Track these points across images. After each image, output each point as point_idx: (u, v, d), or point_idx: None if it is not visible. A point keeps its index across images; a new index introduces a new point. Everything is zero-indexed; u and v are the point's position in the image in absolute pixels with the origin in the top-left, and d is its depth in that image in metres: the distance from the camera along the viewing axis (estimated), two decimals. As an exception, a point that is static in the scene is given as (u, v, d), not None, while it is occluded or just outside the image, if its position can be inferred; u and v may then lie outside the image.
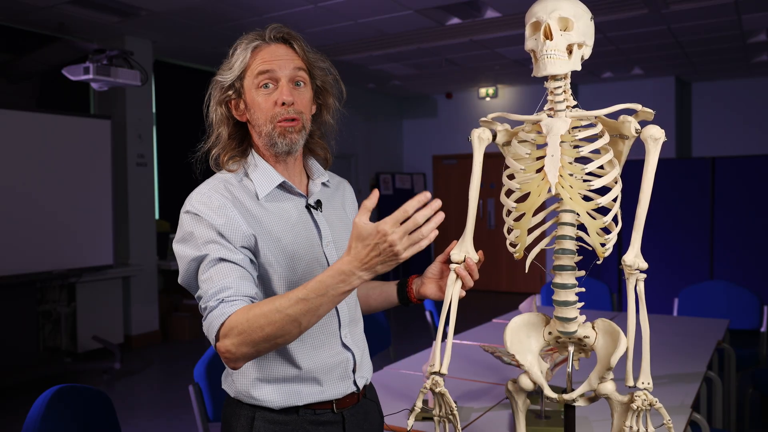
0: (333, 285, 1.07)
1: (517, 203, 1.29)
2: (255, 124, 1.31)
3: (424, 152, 9.68)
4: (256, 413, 1.29)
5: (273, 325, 1.09)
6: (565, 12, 1.19)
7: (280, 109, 1.28)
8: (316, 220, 1.35)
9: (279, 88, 1.28)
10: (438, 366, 1.32)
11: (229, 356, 1.13)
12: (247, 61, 1.29)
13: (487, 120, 1.37)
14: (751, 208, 6.11)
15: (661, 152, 1.21)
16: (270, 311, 1.09)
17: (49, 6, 4.87)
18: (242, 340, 1.10)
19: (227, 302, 1.15)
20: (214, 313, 1.15)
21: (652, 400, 1.22)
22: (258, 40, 1.30)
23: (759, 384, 3.26)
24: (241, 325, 1.10)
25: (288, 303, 1.09)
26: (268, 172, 1.32)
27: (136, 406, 4.36)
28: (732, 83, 7.94)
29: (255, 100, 1.29)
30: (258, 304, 1.13)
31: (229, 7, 4.99)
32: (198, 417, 1.99)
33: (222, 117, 1.34)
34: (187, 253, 1.22)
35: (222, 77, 1.32)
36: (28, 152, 4.82)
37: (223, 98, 1.33)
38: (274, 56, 1.29)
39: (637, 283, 1.22)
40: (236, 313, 1.13)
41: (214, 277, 1.18)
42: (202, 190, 1.28)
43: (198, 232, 1.21)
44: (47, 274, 4.89)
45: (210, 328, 1.15)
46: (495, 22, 5.51)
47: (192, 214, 1.23)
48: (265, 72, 1.28)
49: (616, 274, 6.33)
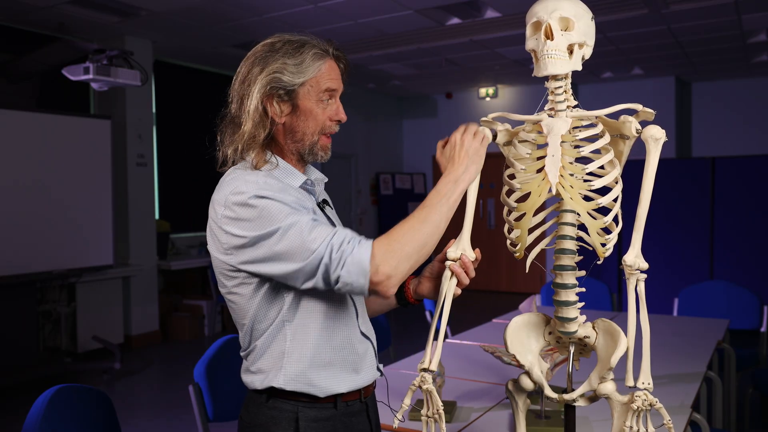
0: (448, 190, 1.27)
1: (517, 203, 1.29)
2: (299, 130, 1.32)
3: (424, 152, 9.68)
4: (299, 413, 1.29)
5: (416, 234, 1.21)
6: (565, 12, 1.19)
7: (332, 124, 1.34)
8: (329, 216, 1.40)
9: (337, 105, 1.34)
10: (428, 362, 1.32)
11: (389, 282, 1.18)
12: (318, 72, 1.31)
13: (488, 120, 1.37)
14: (751, 208, 6.11)
15: (661, 152, 1.21)
16: (408, 225, 1.22)
17: (49, 6, 4.87)
18: (398, 259, 1.18)
19: (359, 241, 1.18)
20: (356, 252, 1.17)
21: (653, 400, 1.22)
22: (325, 54, 1.32)
23: (759, 384, 3.26)
24: (390, 245, 1.18)
25: (418, 213, 1.24)
26: (292, 171, 1.34)
27: (136, 406, 4.35)
28: (732, 83, 7.94)
29: (313, 110, 1.31)
30: (395, 227, 1.22)
31: (229, 7, 4.99)
32: (198, 417, 1.99)
33: (262, 112, 1.29)
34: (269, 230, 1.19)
35: (287, 78, 1.28)
36: (28, 152, 4.82)
37: (272, 94, 1.29)
38: (337, 75, 1.34)
39: (637, 283, 1.22)
40: (377, 242, 1.19)
41: (322, 233, 1.18)
42: (251, 179, 1.24)
43: (276, 209, 1.19)
44: (47, 274, 4.89)
45: (359, 266, 1.16)
46: (495, 22, 5.51)
47: (261, 198, 1.20)
48: (333, 90, 1.32)
49: (617, 274, 6.33)
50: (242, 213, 1.21)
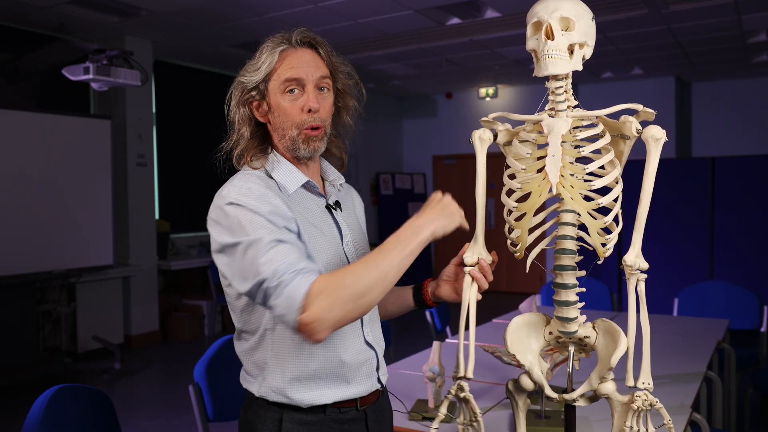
0: (406, 237, 1.18)
1: (517, 203, 1.29)
2: (278, 127, 1.31)
3: (424, 152, 9.68)
4: (284, 414, 1.27)
5: (359, 279, 1.12)
6: (566, 12, 1.19)
7: (306, 116, 1.28)
8: (337, 219, 1.38)
9: (306, 95, 1.28)
10: (462, 371, 1.33)
11: (317, 325, 1.10)
12: (273, 65, 1.28)
13: (488, 120, 1.37)
14: (751, 208, 6.11)
15: (661, 152, 1.21)
16: (354, 267, 1.14)
17: (49, 6, 4.87)
18: (331, 302, 1.10)
19: (304, 273, 1.12)
20: (293, 284, 1.11)
21: (653, 400, 1.22)
22: (285, 44, 1.29)
23: (759, 384, 3.26)
24: (329, 286, 1.11)
25: (369, 256, 1.17)
26: (293, 171, 1.32)
27: (136, 406, 4.35)
28: (732, 83, 7.94)
29: (281, 104, 1.28)
30: (341, 270, 1.15)
31: (229, 7, 4.99)
32: (198, 417, 1.99)
33: (243, 117, 1.32)
34: (236, 240, 1.17)
35: (246, 78, 1.29)
36: (28, 152, 4.82)
37: (246, 99, 1.31)
38: (302, 62, 1.28)
39: (637, 283, 1.22)
40: (318, 279, 1.12)
41: (276, 256, 1.13)
42: (237, 184, 1.24)
43: (246, 220, 1.17)
44: (47, 274, 4.89)
45: (290, 300, 1.11)
46: (495, 22, 5.51)
47: (235, 206, 1.19)
48: (293, 79, 1.27)
49: (617, 274, 6.33)
50: (218, 216, 1.22)
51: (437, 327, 3.58)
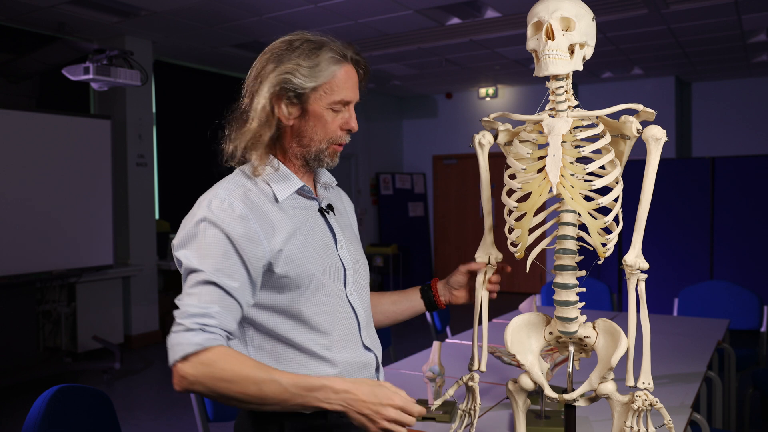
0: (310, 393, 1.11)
1: (518, 203, 1.29)
2: (307, 135, 1.28)
3: (424, 152, 9.68)
4: (285, 423, 1.25)
5: (242, 391, 1.10)
6: (566, 12, 1.19)
7: (342, 134, 1.30)
8: (330, 223, 1.36)
9: (350, 116, 1.29)
10: (477, 364, 1.43)
11: (183, 382, 1.12)
12: (332, 78, 1.25)
13: (489, 119, 1.37)
14: (751, 208, 6.11)
15: (661, 152, 1.21)
16: (245, 377, 1.10)
17: (49, 6, 4.87)
18: (206, 381, 1.10)
19: (207, 332, 1.12)
20: (189, 336, 1.11)
21: (653, 400, 1.22)
22: (342, 59, 1.27)
23: (759, 384, 3.26)
24: (214, 367, 1.10)
25: (265, 377, 1.10)
26: (289, 177, 1.30)
27: (136, 406, 4.35)
28: (732, 83, 7.94)
29: (323, 116, 1.26)
30: (238, 358, 1.12)
31: (229, 7, 4.99)
32: (198, 417, 1.99)
33: (269, 112, 1.25)
34: (185, 257, 1.18)
35: (300, 80, 1.23)
36: (28, 152, 4.82)
37: (282, 95, 1.25)
38: (353, 83, 1.29)
39: (638, 283, 1.22)
40: (215, 350, 1.11)
41: (201, 297, 1.14)
42: (221, 195, 1.22)
43: (206, 240, 1.17)
44: (47, 274, 4.89)
45: (177, 346, 1.12)
46: (495, 22, 5.51)
47: (208, 222, 1.18)
48: (346, 101, 1.28)
49: (617, 274, 6.33)
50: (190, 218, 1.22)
51: (437, 327, 3.58)
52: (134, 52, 4.76)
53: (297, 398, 1.11)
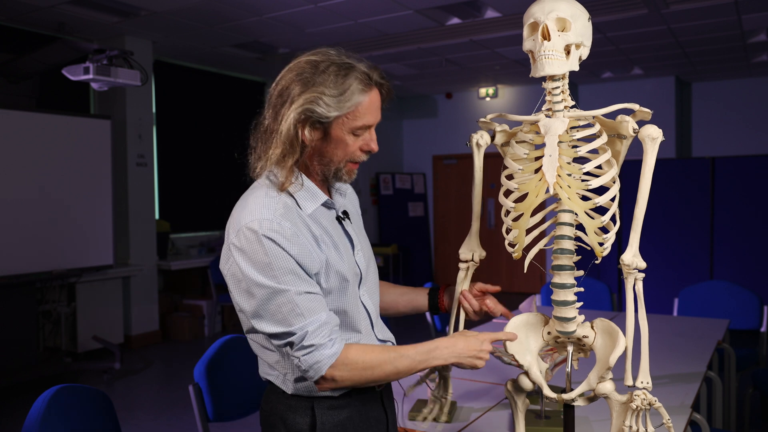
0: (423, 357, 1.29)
1: (515, 203, 1.30)
2: (326, 155, 1.31)
3: (424, 152, 9.68)
4: (315, 403, 1.33)
5: (379, 369, 1.27)
6: (562, 12, 1.19)
7: (361, 154, 1.33)
8: (347, 230, 1.40)
9: (371, 137, 1.34)
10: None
11: (332, 384, 1.25)
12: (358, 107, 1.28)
13: (486, 120, 1.37)
14: (751, 208, 6.11)
15: (660, 152, 1.22)
16: (379, 355, 1.27)
17: (49, 6, 4.87)
18: (350, 377, 1.25)
19: (335, 340, 1.24)
20: (323, 351, 1.22)
21: (652, 400, 1.22)
22: (368, 88, 1.29)
23: (759, 384, 3.26)
24: (354, 365, 1.25)
25: (393, 353, 1.28)
26: (314, 192, 1.33)
27: (136, 406, 4.36)
28: (732, 83, 7.94)
29: (345, 140, 1.29)
30: (368, 348, 1.28)
31: (229, 7, 4.99)
32: (198, 417, 1.99)
33: (293, 137, 1.26)
34: (262, 282, 1.21)
35: (323, 108, 1.24)
36: (28, 152, 4.82)
37: (306, 120, 1.26)
38: (375, 107, 1.32)
39: (635, 282, 1.22)
40: (349, 350, 1.25)
41: (304, 311, 1.21)
42: (267, 216, 1.23)
43: (276, 263, 1.21)
44: (47, 274, 4.89)
45: (318, 364, 1.22)
46: (495, 22, 5.51)
47: (267, 241, 1.21)
48: (369, 126, 1.32)
49: (616, 274, 6.33)
50: (244, 245, 1.22)
51: (437, 327, 3.59)
52: (134, 52, 4.76)
53: (422, 363, 1.29)
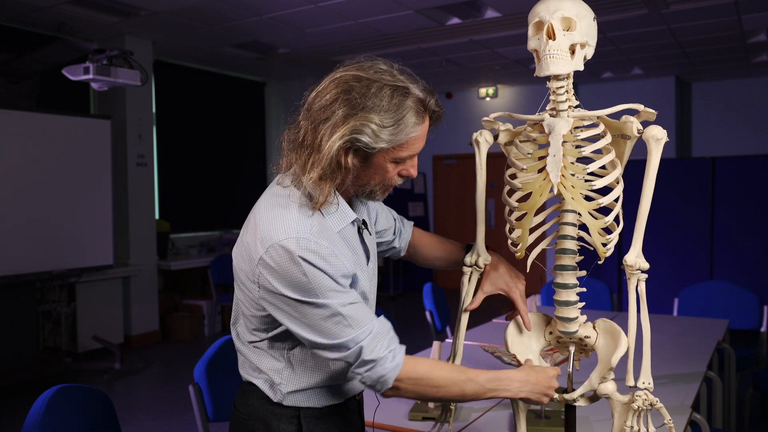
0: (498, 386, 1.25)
1: (518, 203, 1.29)
2: (363, 179, 1.23)
3: (424, 152, 9.67)
4: (301, 413, 1.31)
5: (446, 394, 1.23)
6: (567, 12, 1.19)
7: (398, 179, 1.26)
8: (365, 240, 1.35)
9: (412, 164, 1.25)
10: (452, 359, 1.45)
11: (395, 394, 1.22)
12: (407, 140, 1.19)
13: (489, 119, 1.37)
14: (751, 208, 6.11)
15: (661, 152, 1.21)
16: (449, 381, 1.23)
17: (49, 6, 4.87)
18: (417, 390, 1.22)
19: (394, 351, 1.20)
20: (385, 364, 1.18)
21: (653, 400, 1.22)
22: (422, 119, 1.19)
23: (759, 384, 3.26)
24: (425, 381, 1.21)
25: (463, 375, 1.24)
26: (346, 212, 1.27)
27: (136, 406, 4.35)
28: (732, 83, 7.94)
29: (384, 167, 1.21)
30: (438, 365, 1.24)
31: (229, 7, 4.99)
32: (198, 417, 1.99)
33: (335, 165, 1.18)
34: (302, 298, 1.15)
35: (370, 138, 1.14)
36: (28, 152, 4.82)
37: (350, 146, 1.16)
38: (424, 135, 1.22)
39: (638, 283, 1.22)
40: (417, 364, 1.22)
41: (355, 322, 1.17)
42: (303, 234, 1.16)
43: (315, 283, 1.14)
44: (47, 274, 4.89)
45: (384, 378, 1.18)
46: (495, 22, 5.51)
47: (304, 262, 1.14)
48: (413, 155, 1.24)
49: (617, 274, 6.33)
50: (285, 267, 1.15)
51: (437, 327, 3.58)
52: (134, 52, 4.76)
53: (490, 392, 1.25)
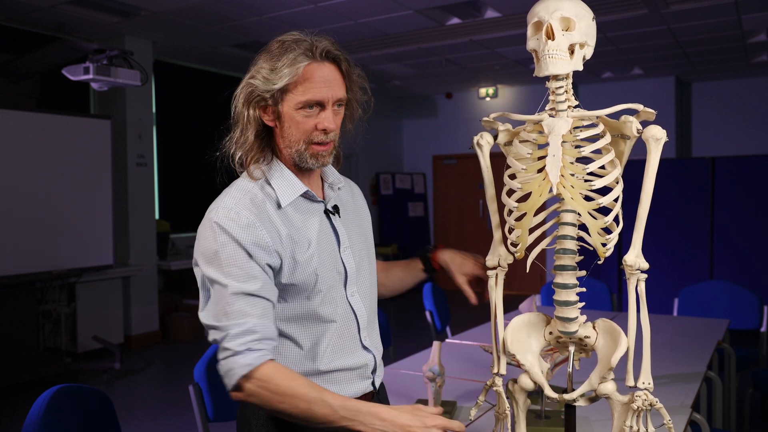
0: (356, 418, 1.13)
1: (518, 203, 1.29)
2: (286, 136, 1.28)
3: (424, 152, 9.68)
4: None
5: (292, 407, 1.14)
6: (567, 12, 1.18)
7: (318, 133, 1.26)
8: (334, 225, 1.35)
9: (325, 113, 1.25)
10: (497, 367, 1.40)
11: (241, 395, 1.17)
12: (294, 79, 1.22)
13: (489, 120, 1.37)
14: (751, 208, 6.11)
15: (661, 152, 1.21)
16: (297, 394, 1.14)
17: (49, 6, 4.87)
18: (261, 395, 1.15)
19: (254, 350, 1.16)
20: (238, 359, 1.15)
21: (653, 400, 1.22)
22: (308, 58, 1.23)
23: (759, 384, 3.26)
24: (269, 385, 1.14)
25: (316, 397, 1.14)
26: (292, 182, 1.29)
27: (136, 406, 4.35)
28: (732, 83, 7.94)
29: (294, 117, 1.25)
30: (291, 375, 1.16)
31: (229, 7, 4.99)
32: (198, 417, 1.98)
33: (250, 118, 1.27)
34: (209, 273, 1.20)
35: (260, 83, 1.23)
36: (28, 152, 4.82)
37: (256, 101, 1.25)
38: (323, 82, 1.24)
39: (638, 283, 1.22)
40: (270, 367, 1.16)
41: (236, 313, 1.17)
42: (227, 204, 1.23)
43: (224, 254, 1.19)
44: (47, 274, 4.89)
45: (231, 372, 1.16)
46: (495, 22, 5.51)
47: (219, 229, 1.20)
48: (315, 101, 1.24)
49: (617, 274, 6.33)
50: (201, 235, 1.23)
51: (437, 327, 3.58)
52: (134, 52, 4.76)
53: (344, 420, 1.14)
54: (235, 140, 1.28)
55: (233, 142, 1.29)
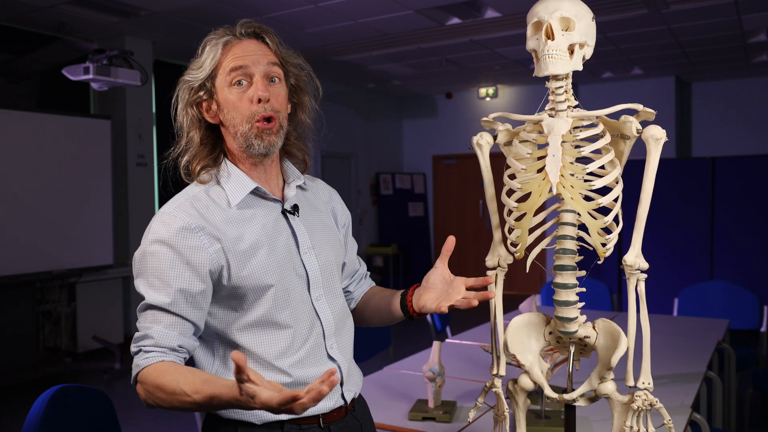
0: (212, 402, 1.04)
1: (518, 203, 1.29)
2: (229, 124, 1.23)
3: (424, 152, 9.68)
4: (238, 428, 1.22)
5: (169, 402, 1.10)
6: (566, 12, 1.18)
7: (257, 107, 1.21)
8: (292, 225, 1.28)
9: (254, 84, 1.22)
10: (496, 368, 1.39)
11: (142, 401, 1.16)
12: (218, 59, 1.23)
13: (488, 120, 1.37)
14: (751, 208, 6.11)
15: (661, 152, 1.21)
16: (170, 392, 1.08)
17: (49, 6, 4.87)
18: (147, 397, 1.14)
19: (144, 353, 1.15)
20: (134, 360, 1.16)
21: (653, 400, 1.22)
22: (228, 36, 1.26)
23: (759, 384, 3.26)
24: (149, 385, 1.12)
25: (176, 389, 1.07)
26: (241, 179, 1.25)
27: (136, 406, 4.35)
28: (732, 83, 7.94)
29: (228, 99, 1.22)
30: (167, 372, 1.10)
31: (229, 7, 4.99)
32: (198, 417, 1.99)
33: (193, 120, 1.26)
34: (138, 286, 1.21)
35: (191, 77, 1.24)
36: (28, 152, 4.82)
37: (194, 99, 1.24)
38: (247, 52, 1.23)
39: (637, 283, 1.22)
40: (151, 370, 1.13)
41: (143, 322, 1.17)
42: (166, 210, 1.22)
43: (151, 265, 1.17)
44: (47, 274, 4.89)
45: (133, 372, 1.16)
46: (495, 22, 5.51)
47: (150, 240, 1.19)
48: (238, 68, 1.21)
49: (616, 274, 6.33)
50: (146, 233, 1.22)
51: (437, 327, 3.58)
52: (134, 52, 4.76)
53: (208, 408, 1.09)
54: (181, 147, 1.28)
55: (179, 148, 1.29)
